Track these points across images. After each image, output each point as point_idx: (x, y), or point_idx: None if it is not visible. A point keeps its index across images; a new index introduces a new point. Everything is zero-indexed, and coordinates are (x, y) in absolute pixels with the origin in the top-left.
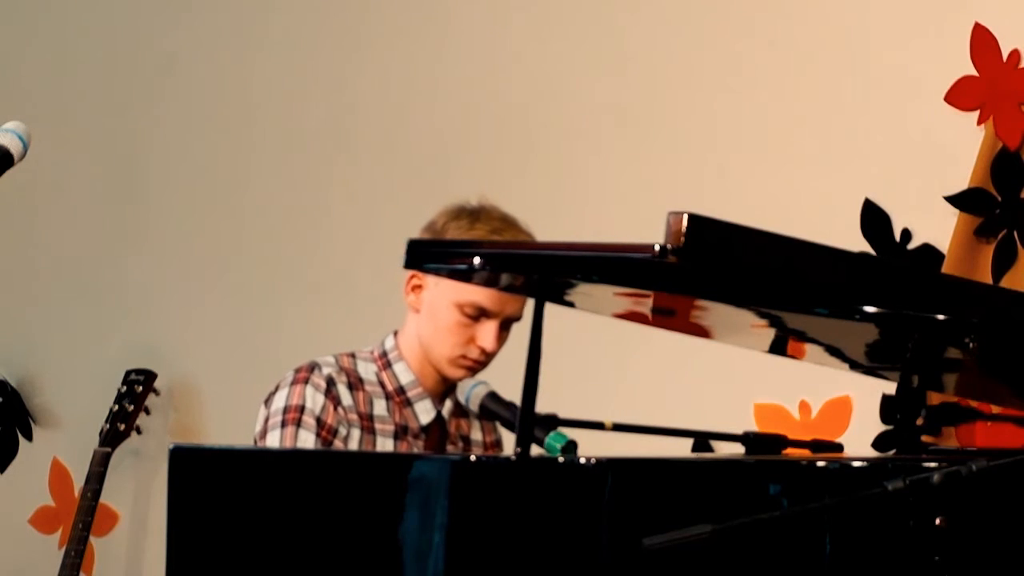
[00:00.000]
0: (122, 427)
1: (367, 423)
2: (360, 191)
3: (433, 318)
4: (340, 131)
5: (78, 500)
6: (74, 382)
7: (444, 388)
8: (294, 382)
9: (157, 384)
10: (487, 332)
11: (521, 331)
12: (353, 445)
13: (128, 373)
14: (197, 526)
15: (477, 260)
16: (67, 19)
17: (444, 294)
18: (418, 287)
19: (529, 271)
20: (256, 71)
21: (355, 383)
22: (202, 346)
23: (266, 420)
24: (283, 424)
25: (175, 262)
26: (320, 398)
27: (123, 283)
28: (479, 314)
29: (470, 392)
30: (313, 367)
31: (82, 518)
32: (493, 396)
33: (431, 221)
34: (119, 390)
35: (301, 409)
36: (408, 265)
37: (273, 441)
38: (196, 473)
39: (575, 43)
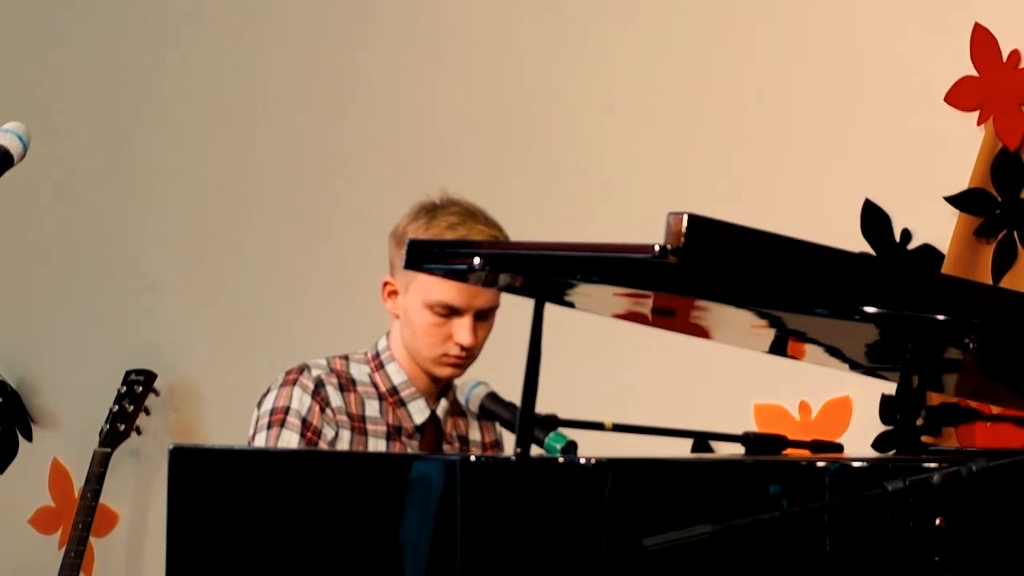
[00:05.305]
0: (122, 427)
1: (359, 424)
2: (361, 192)
3: (409, 322)
4: (341, 133)
5: (78, 500)
6: (74, 382)
7: (438, 387)
8: (283, 384)
9: (157, 384)
10: (461, 327)
11: (521, 331)
12: (342, 447)
13: (128, 373)
14: (197, 526)
15: (477, 260)
16: (70, 16)
17: (415, 297)
18: (393, 293)
19: (529, 271)
20: (259, 72)
21: (346, 384)
22: (202, 346)
23: (256, 422)
24: (269, 425)
25: (175, 262)
26: (307, 399)
27: (123, 283)
28: (450, 312)
29: (470, 392)
30: (303, 369)
31: (82, 518)
32: (493, 396)
33: (396, 225)
34: (119, 390)
35: (287, 410)
36: (408, 266)
37: (260, 443)
38: (196, 473)
39: (575, 44)
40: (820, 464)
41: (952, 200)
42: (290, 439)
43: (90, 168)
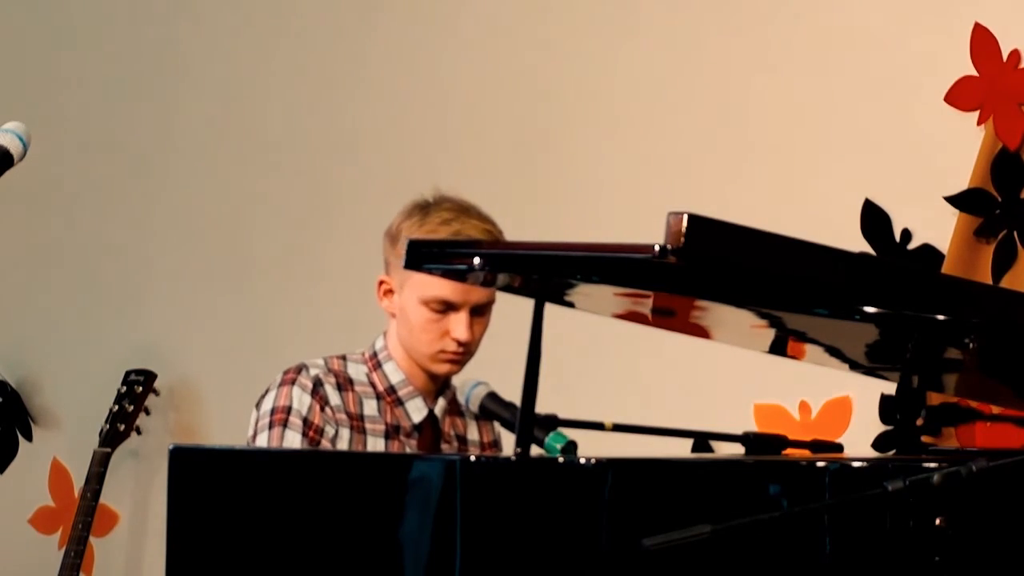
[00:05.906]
0: (122, 427)
1: (357, 423)
2: (361, 192)
3: (406, 319)
4: (341, 133)
5: (78, 500)
6: (74, 382)
7: (436, 386)
8: (281, 384)
9: (157, 384)
10: (458, 323)
11: (521, 331)
12: (342, 445)
13: (128, 373)
14: (197, 526)
15: (477, 260)
16: (70, 16)
17: (411, 294)
18: (389, 292)
19: (529, 271)
20: (259, 72)
21: (344, 384)
22: (202, 346)
23: (256, 422)
24: (270, 425)
25: (175, 262)
26: (307, 399)
27: (123, 283)
28: (446, 308)
29: (470, 392)
30: (300, 368)
31: (82, 518)
32: (493, 396)
33: (390, 224)
34: (119, 390)
35: (288, 410)
36: (408, 266)
37: (262, 443)
38: (196, 473)
39: (576, 44)
40: (820, 464)
41: (952, 200)
42: (292, 439)
43: (90, 168)
